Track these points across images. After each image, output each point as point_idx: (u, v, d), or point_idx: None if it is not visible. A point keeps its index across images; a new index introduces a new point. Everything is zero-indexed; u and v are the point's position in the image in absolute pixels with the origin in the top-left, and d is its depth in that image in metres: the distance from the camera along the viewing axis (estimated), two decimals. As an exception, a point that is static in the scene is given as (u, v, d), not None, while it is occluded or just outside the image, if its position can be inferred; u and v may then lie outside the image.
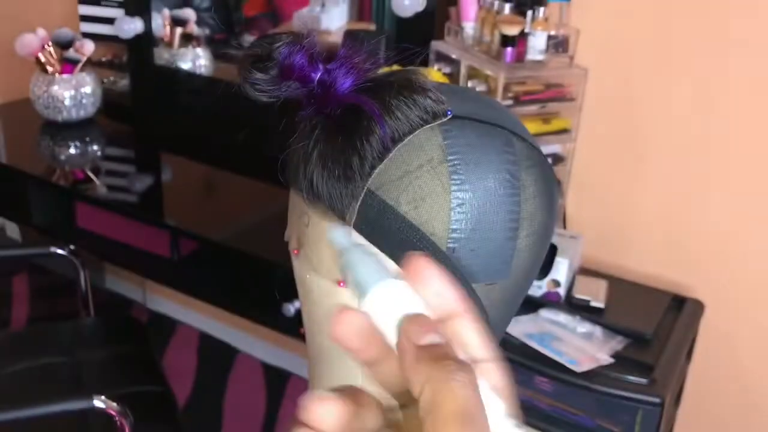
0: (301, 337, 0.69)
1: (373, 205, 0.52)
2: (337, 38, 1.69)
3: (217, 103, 1.99)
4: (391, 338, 0.32)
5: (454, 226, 0.52)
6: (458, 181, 0.52)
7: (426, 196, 0.51)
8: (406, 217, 0.52)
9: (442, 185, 0.51)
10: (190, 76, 2.12)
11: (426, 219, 0.52)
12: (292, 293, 1.47)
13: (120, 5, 2.08)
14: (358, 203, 0.52)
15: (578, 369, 1.30)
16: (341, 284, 0.55)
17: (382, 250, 0.53)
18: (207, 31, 2.14)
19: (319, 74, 0.52)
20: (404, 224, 0.52)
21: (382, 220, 0.52)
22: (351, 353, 0.33)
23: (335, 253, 0.54)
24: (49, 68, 2.02)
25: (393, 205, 0.52)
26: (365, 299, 0.33)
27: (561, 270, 1.44)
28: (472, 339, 0.33)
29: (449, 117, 0.53)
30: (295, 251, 0.59)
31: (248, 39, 2.09)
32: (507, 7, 1.46)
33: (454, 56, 1.53)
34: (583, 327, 1.41)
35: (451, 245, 0.52)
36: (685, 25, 1.47)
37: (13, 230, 2.90)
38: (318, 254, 0.56)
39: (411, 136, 0.52)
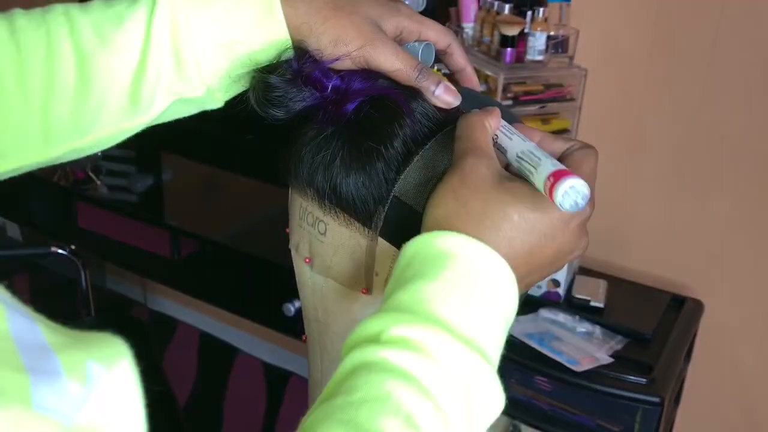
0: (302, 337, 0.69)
1: (398, 211, 0.52)
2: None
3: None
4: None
5: None
6: None
7: None
8: None
9: None
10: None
11: None
12: (291, 293, 1.47)
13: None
14: (386, 209, 0.52)
15: (578, 369, 1.30)
16: (364, 292, 0.55)
17: None
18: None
19: (333, 81, 0.52)
20: None
21: (408, 225, 0.52)
22: None
23: (358, 261, 0.54)
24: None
25: (419, 210, 0.51)
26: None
27: (561, 270, 1.45)
28: None
29: None
30: (307, 259, 0.58)
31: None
32: (507, 7, 1.46)
33: (453, 56, 1.53)
34: (583, 327, 1.41)
35: None
36: (684, 24, 1.47)
37: (13, 230, 2.91)
38: (339, 262, 0.56)
39: (432, 140, 0.52)
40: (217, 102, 0.57)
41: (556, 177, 0.44)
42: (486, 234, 0.45)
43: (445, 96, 0.54)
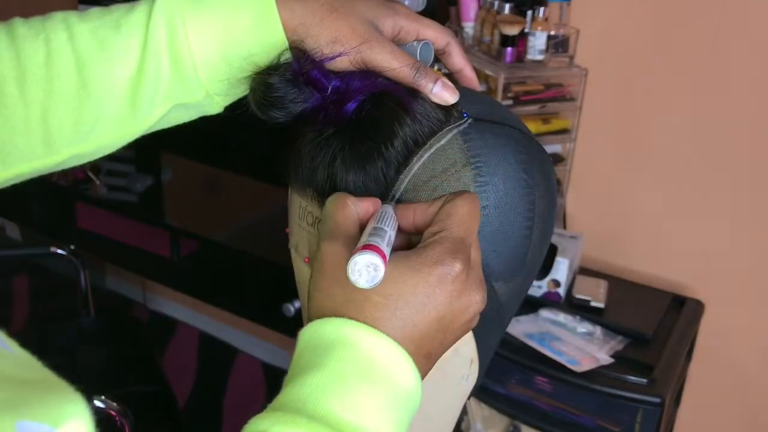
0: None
1: None
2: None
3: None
4: None
5: (479, 229, 0.52)
6: (481, 183, 0.52)
7: None
8: None
9: (467, 188, 0.51)
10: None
11: None
12: (291, 293, 1.47)
13: (120, 5, 2.08)
14: None
15: (578, 369, 1.30)
16: None
17: None
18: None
19: (333, 82, 0.52)
20: None
21: None
22: None
23: None
24: (49, 68, 2.02)
25: None
26: None
27: (561, 270, 1.44)
28: None
29: (467, 119, 0.53)
30: (307, 260, 0.58)
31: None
32: (507, 7, 1.46)
33: (454, 56, 1.53)
34: (583, 327, 1.41)
35: None
36: (684, 24, 1.47)
37: (13, 230, 2.91)
38: None
39: (432, 139, 0.52)
40: (216, 107, 0.57)
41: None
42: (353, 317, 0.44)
43: (443, 93, 0.54)
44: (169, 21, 0.53)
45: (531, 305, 1.46)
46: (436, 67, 0.59)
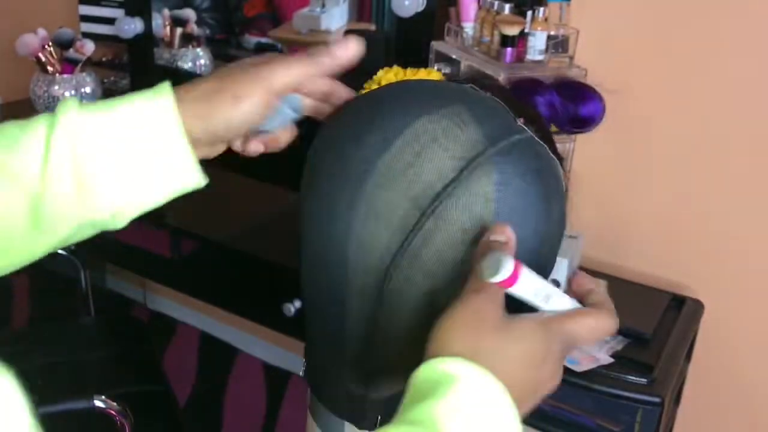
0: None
1: None
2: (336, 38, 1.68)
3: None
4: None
5: None
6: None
7: None
8: None
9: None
10: (191, 76, 2.12)
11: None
12: (291, 293, 1.47)
13: (120, 5, 2.09)
14: None
15: (578, 369, 1.30)
16: None
17: None
18: (207, 32, 2.14)
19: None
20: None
21: None
22: None
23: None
24: (50, 68, 2.02)
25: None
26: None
27: (561, 270, 1.44)
28: None
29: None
30: None
31: (248, 39, 2.10)
32: (507, 7, 1.46)
33: (454, 56, 1.54)
34: (583, 327, 1.41)
35: None
36: (685, 24, 1.47)
37: (13, 230, 2.90)
38: None
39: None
40: (123, 221, 0.58)
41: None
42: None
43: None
44: (72, 142, 0.53)
45: (530, 305, 1.45)
46: (436, 67, 0.60)
